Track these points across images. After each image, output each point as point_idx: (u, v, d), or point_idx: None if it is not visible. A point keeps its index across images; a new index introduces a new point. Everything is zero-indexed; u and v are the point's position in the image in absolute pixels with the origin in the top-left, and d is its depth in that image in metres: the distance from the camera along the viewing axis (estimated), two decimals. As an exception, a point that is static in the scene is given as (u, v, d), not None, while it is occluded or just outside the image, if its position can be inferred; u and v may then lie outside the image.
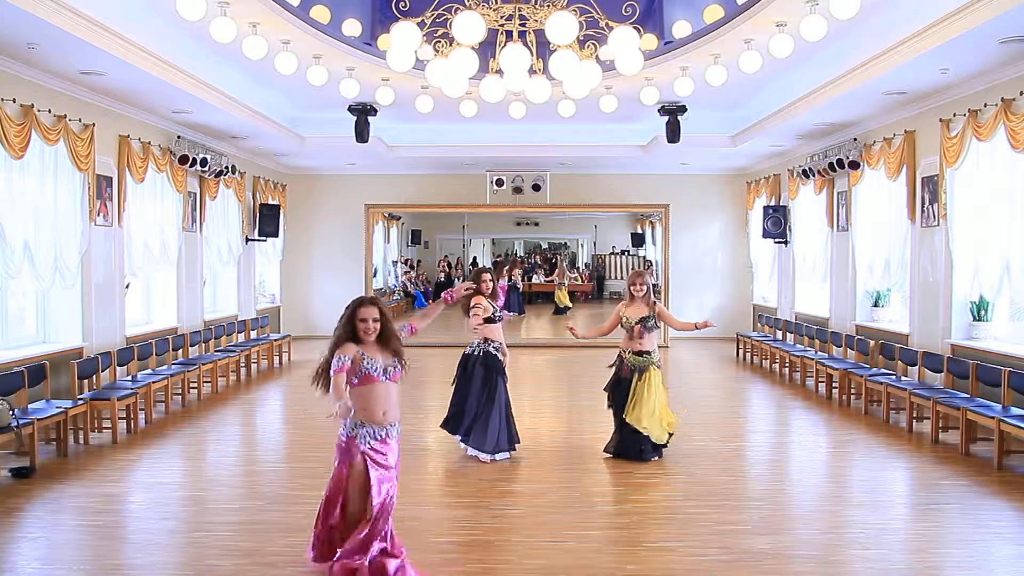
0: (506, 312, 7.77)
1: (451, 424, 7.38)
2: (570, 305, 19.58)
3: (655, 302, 7.36)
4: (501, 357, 7.28)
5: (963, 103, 8.50)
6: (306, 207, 16.69)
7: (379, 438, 4.25)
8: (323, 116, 12.64)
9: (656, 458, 7.19)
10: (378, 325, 4.25)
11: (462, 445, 7.38)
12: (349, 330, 4.24)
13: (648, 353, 7.25)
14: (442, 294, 4.99)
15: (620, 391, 7.29)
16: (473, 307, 7.20)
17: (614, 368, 7.45)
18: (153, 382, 9.05)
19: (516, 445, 7.38)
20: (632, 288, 7.24)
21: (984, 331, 8.79)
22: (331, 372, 4.12)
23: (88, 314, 9.05)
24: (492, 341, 7.27)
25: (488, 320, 7.22)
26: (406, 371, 4.39)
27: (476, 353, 7.28)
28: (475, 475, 6.84)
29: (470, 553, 5.13)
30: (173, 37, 8.35)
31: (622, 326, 7.33)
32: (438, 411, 9.22)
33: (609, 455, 7.35)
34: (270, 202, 14.81)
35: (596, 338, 8.12)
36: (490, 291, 7.32)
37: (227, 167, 12.30)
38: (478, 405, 7.18)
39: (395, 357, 4.33)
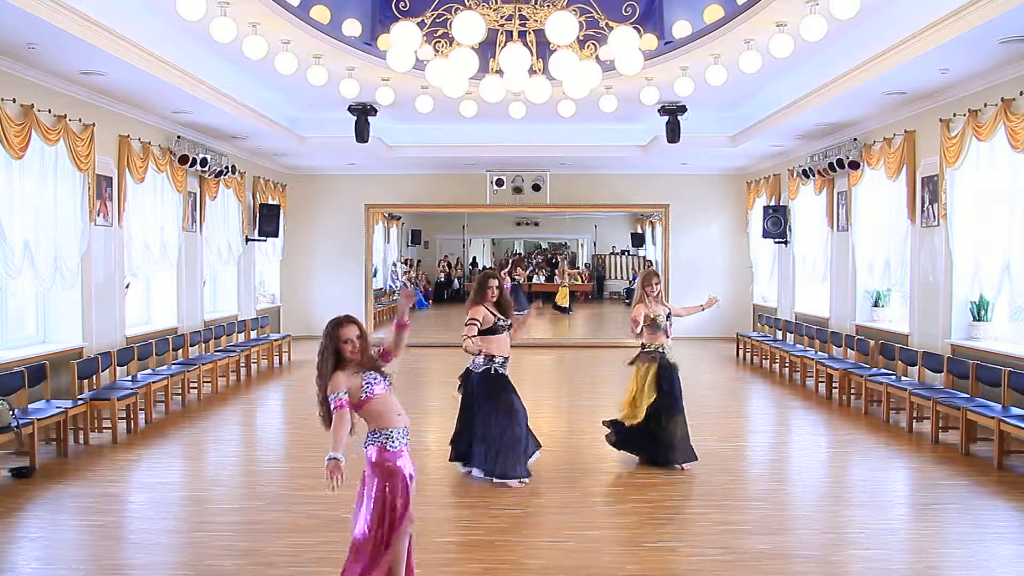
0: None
1: (456, 452, 6.85)
2: (568, 308, 19.57)
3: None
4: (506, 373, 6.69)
5: (963, 103, 8.50)
6: (306, 207, 16.69)
7: (406, 436, 4.08)
8: (323, 116, 12.64)
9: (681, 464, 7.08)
10: (361, 342, 4.04)
11: (473, 472, 6.73)
12: (335, 358, 4.00)
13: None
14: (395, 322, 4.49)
15: (676, 386, 7.16)
16: (469, 321, 6.53)
17: (657, 364, 7.15)
18: (153, 382, 9.05)
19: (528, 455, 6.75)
20: (647, 288, 7.14)
21: (984, 331, 8.79)
22: (332, 409, 3.89)
23: (88, 314, 9.05)
24: (496, 357, 6.60)
25: (491, 331, 6.55)
26: (392, 385, 4.15)
27: (481, 372, 6.63)
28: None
29: (470, 553, 5.13)
30: (173, 37, 8.35)
31: (657, 325, 7.11)
32: (438, 411, 9.26)
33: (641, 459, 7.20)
34: (270, 202, 14.81)
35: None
36: (495, 298, 6.62)
37: (227, 167, 12.29)
38: (484, 428, 6.55)
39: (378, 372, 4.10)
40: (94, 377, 8.66)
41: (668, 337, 7.21)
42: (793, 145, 13.12)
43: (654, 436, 7.05)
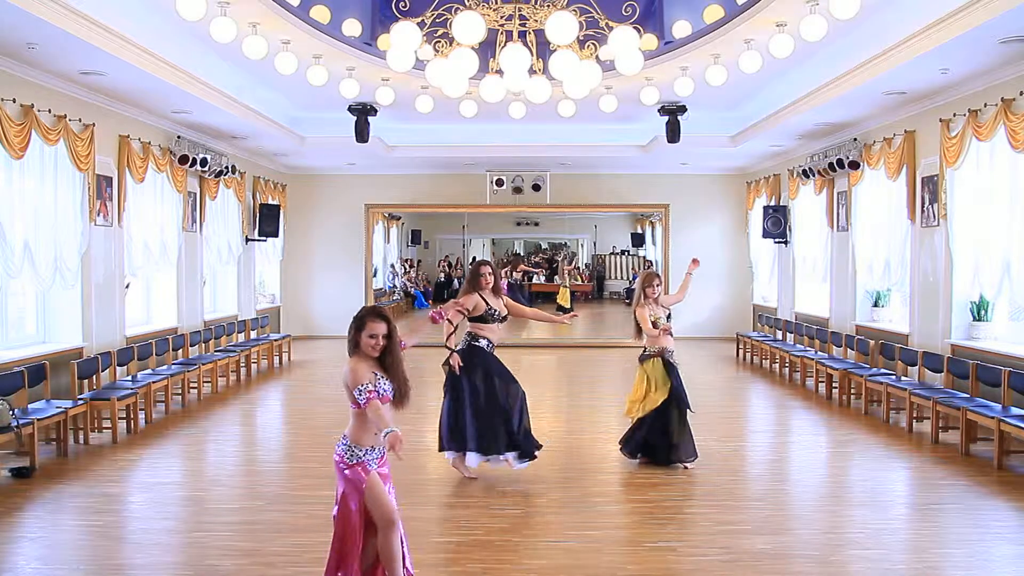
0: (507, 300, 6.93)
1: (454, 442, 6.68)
2: (570, 308, 19.60)
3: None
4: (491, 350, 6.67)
5: (963, 103, 8.50)
6: (306, 207, 16.69)
7: (380, 456, 4.03)
8: (323, 116, 12.64)
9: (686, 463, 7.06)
10: (386, 342, 3.98)
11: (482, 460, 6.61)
12: (354, 345, 4.01)
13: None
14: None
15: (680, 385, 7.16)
16: (456, 304, 6.53)
17: (667, 371, 7.13)
18: (153, 382, 9.05)
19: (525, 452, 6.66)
20: (647, 290, 7.14)
21: (984, 331, 8.78)
22: (363, 404, 3.85)
23: (88, 314, 9.05)
24: (483, 337, 6.65)
25: (480, 319, 6.62)
26: (405, 402, 4.09)
27: (463, 347, 6.65)
28: (475, 475, 6.82)
29: (470, 553, 5.13)
30: (173, 37, 8.34)
31: (656, 327, 7.07)
32: (437, 411, 9.20)
33: (642, 459, 7.18)
34: (270, 202, 14.81)
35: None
36: (490, 286, 6.65)
37: (227, 167, 12.29)
38: (472, 408, 6.58)
39: (399, 383, 4.03)
40: (94, 377, 8.66)
41: (671, 337, 7.20)
42: (793, 145, 13.12)
43: (662, 435, 7.03)
